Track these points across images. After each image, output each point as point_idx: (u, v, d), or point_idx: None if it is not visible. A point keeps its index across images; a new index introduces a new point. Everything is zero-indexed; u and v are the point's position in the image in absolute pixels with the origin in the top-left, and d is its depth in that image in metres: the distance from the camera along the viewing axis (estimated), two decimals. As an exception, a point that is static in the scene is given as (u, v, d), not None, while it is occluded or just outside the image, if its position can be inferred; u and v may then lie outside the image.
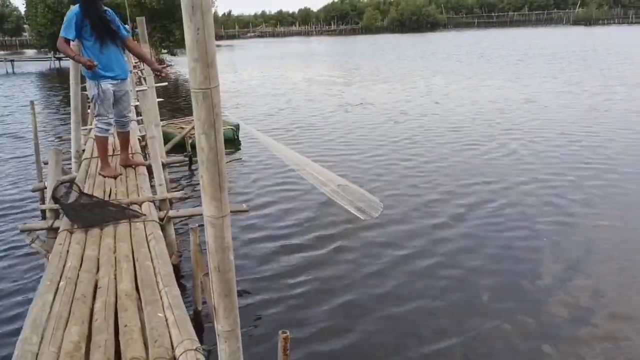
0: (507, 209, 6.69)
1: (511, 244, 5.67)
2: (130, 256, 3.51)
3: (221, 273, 2.10)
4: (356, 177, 8.02)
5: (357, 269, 5.26)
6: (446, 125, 12.14)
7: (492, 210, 6.69)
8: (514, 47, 39.20)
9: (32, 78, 31.73)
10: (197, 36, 1.83)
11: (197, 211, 4.86)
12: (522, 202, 6.88)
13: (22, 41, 77.78)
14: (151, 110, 5.05)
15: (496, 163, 8.85)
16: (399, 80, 22.21)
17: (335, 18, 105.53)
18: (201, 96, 1.90)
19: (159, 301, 2.87)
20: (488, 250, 5.57)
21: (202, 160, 1.98)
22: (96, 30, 5.01)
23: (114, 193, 4.97)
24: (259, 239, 6.03)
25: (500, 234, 5.95)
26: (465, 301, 4.62)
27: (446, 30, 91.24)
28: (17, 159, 10.31)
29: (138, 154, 6.58)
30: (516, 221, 6.32)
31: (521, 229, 6.05)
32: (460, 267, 5.22)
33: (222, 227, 2.05)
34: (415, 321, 4.35)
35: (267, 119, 14.04)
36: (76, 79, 5.85)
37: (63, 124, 14.27)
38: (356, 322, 4.33)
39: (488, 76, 21.98)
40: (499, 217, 6.47)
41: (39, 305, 2.80)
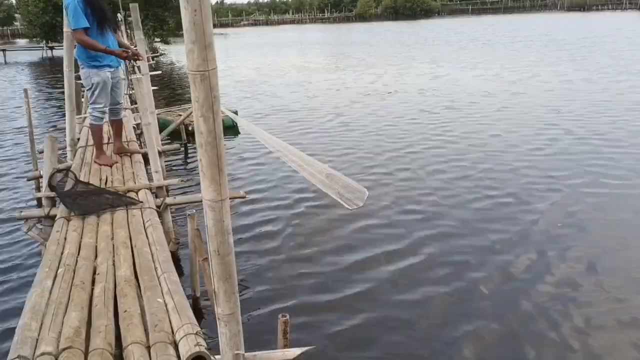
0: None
1: (511, 244, 5.61)
2: (128, 243, 3.50)
3: (221, 256, 2.10)
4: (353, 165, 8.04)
5: (356, 252, 5.28)
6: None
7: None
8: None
9: (24, 67, 31.48)
10: (194, 18, 1.82)
11: (194, 198, 4.86)
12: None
13: (13, 31, 77.08)
14: (146, 98, 5.03)
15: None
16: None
17: (329, 6, 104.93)
18: (199, 78, 1.88)
19: (158, 287, 2.87)
20: (480, 242, 5.57)
21: (201, 143, 1.97)
22: (97, 17, 4.96)
23: (110, 181, 4.96)
24: (257, 224, 6.04)
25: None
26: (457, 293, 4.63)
27: (440, 17, 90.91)
28: (12, 148, 10.26)
29: (133, 142, 6.56)
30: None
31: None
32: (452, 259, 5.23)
33: (222, 210, 2.04)
34: (411, 304, 4.37)
35: (250, 106, 14.03)
36: (70, 67, 5.80)
37: (57, 113, 14.19)
38: (355, 304, 4.36)
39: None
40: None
41: (37, 291, 2.79)
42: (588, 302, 4.28)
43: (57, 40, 38.08)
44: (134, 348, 2.30)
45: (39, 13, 34.43)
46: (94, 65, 5.17)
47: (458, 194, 6.83)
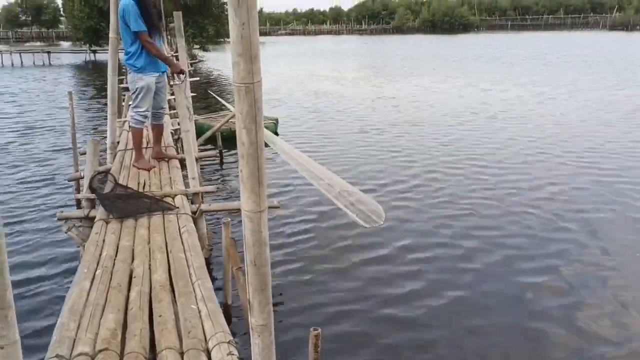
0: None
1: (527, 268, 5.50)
2: (164, 247, 3.56)
3: (257, 267, 2.11)
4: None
5: (391, 270, 5.25)
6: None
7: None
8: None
9: (67, 70, 32.39)
10: (242, 31, 1.84)
11: (229, 206, 4.91)
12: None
13: (58, 33, 79.49)
14: (185, 104, 5.11)
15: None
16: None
17: (366, 17, 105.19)
18: (244, 90, 1.90)
19: (192, 293, 2.90)
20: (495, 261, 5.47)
21: (242, 155, 1.98)
22: (149, 22, 5.09)
23: (147, 185, 5.04)
24: (288, 234, 6.06)
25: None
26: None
27: (478, 32, 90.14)
28: (53, 148, 10.54)
29: (171, 147, 6.67)
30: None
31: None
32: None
33: (260, 221, 2.05)
34: (444, 320, 4.32)
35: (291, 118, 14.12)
36: (113, 72, 5.94)
37: (98, 115, 14.55)
38: (387, 319, 4.34)
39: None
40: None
41: (76, 292, 2.86)
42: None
43: (99, 44, 39.15)
44: (167, 353, 2.33)
45: (84, 18, 35.41)
46: (140, 69, 5.29)
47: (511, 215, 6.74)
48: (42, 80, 24.69)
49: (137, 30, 5.06)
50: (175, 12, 6.00)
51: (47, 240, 5.90)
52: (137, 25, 5.04)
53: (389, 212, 6.62)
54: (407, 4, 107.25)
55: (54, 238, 5.93)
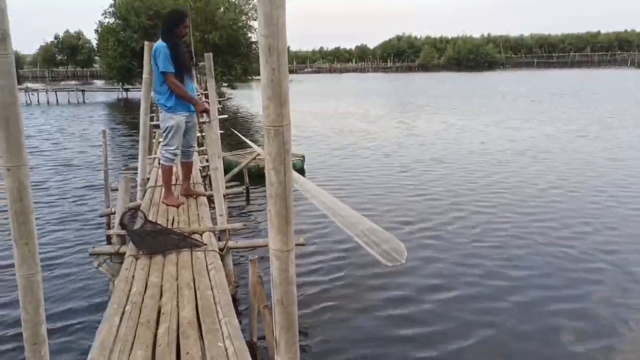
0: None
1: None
2: (192, 284, 3.60)
3: (284, 306, 2.14)
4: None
5: (418, 309, 5.20)
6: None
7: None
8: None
9: (101, 107, 33.35)
10: (273, 76, 1.92)
11: (255, 243, 4.96)
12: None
13: (92, 72, 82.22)
14: (215, 143, 5.23)
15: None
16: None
17: (392, 55, 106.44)
18: (273, 133, 1.97)
19: (219, 331, 2.93)
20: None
21: (271, 194, 2.04)
22: (179, 64, 5.29)
23: (176, 221, 5.14)
24: (313, 272, 6.05)
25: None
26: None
27: (504, 69, 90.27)
28: (84, 183, 10.80)
29: (199, 184, 6.79)
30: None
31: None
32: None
33: (287, 260, 2.09)
34: None
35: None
36: (146, 111, 6.14)
37: (128, 152, 14.90)
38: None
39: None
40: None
41: (106, 328, 2.91)
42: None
43: (131, 83, 40.39)
44: (194, 391, 2.35)
45: (117, 57, 36.69)
46: (170, 108, 5.46)
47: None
48: (76, 119, 25.43)
49: (164, 70, 5.26)
50: (206, 53, 6.20)
51: (78, 275, 6.00)
52: (164, 66, 5.23)
53: (415, 251, 6.59)
54: (432, 42, 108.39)
55: (85, 273, 6.03)
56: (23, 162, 2.09)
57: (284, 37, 1.90)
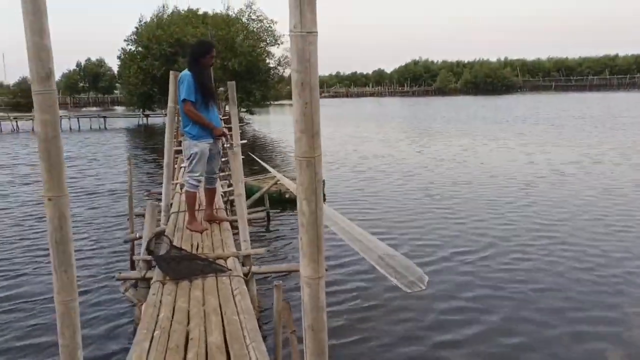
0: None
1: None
2: (218, 310, 3.65)
3: (315, 332, 2.17)
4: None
5: (446, 337, 5.18)
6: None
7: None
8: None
9: (121, 134, 33.92)
10: (305, 109, 2.00)
11: (279, 268, 5.02)
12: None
13: (113, 98, 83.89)
14: (239, 169, 5.33)
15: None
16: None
17: (409, 80, 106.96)
18: (305, 164, 2.04)
19: (247, 356, 2.97)
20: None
21: (303, 223, 2.10)
22: (204, 93, 5.44)
23: (200, 247, 5.21)
24: (340, 299, 6.05)
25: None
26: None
27: (522, 93, 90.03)
28: (105, 209, 10.97)
29: (221, 209, 6.88)
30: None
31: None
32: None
33: (318, 287, 2.14)
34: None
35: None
36: (170, 139, 6.29)
37: (150, 178, 15.10)
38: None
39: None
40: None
41: (137, 353, 2.97)
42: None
43: (152, 109, 41.10)
44: (225, 416, 2.38)
45: (138, 84, 37.36)
46: (195, 136, 5.59)
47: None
48: (98, 145, 25.86)
49: (183, 97, 5.40)
50: (229, 82, 6.34)
51: (102, 300, 6.07)
52: (184, 94, 5.39)
53: (438, 275, 6.58)
54: (448, 66, 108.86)
55: (108, 298, 6.11)
56: (63, 193, 2.17)
57: (315, 73, 1.98)
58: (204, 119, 5.49)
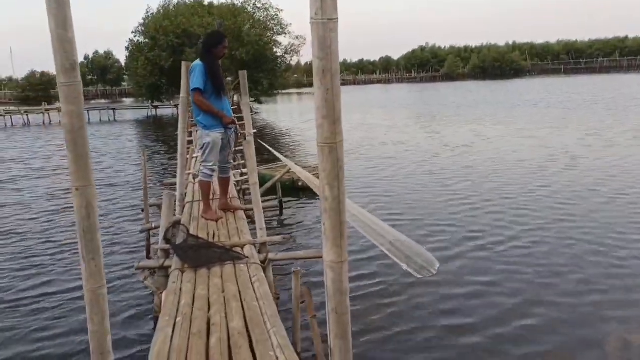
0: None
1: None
2: (238, 296, 3.70)
3: (338, 315, 2.22)
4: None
5: (463, 317, 5.22)
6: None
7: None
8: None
9: (131, 125, 34.06)
10: (326, 96, 2.02)
11: (296, 255, 5.06)
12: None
13: (121, 90, 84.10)
14: (253, 158, 5.36)
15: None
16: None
17: (416, 66, 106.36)
18: (327, 150, 2.07)
19: (269, 341, 3.01)
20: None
21: (326, 209, 2.13)
22: (215, 83, 5.47)
23: (217, 235, 5.27)
24: (360, 284, 6.11)
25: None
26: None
27: (531, 77, 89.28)
28: (119, 199, 11.08)
29: (235, 198, 6.93)
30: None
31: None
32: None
33: (341, 271, 2.18)
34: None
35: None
36: (183, 129, 6.33)
37: (162, 168, 15.20)
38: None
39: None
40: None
41: (161, 338, 3.02)
42: None
43: (161, 100, 41.20)
44: (251, 399, 2.43)
45: (147, 75, 37.45)
46: (207, 126, 5.62)
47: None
48: (110, 137, 25.99)
49: (193, 87, 5.43)
50: (241, 71, 6.35)
51: (122, 289, 6.18)
52: (194, 82, 5.42)
53: (452, 260, 6.61)
54: (456, 51, 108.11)
55: (127, 287, 6.21)
56: (90, 183, 2.21)
57: (336, 59, 2.00)
58: (213, 107, 5.51)
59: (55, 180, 13.52)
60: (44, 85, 66.45)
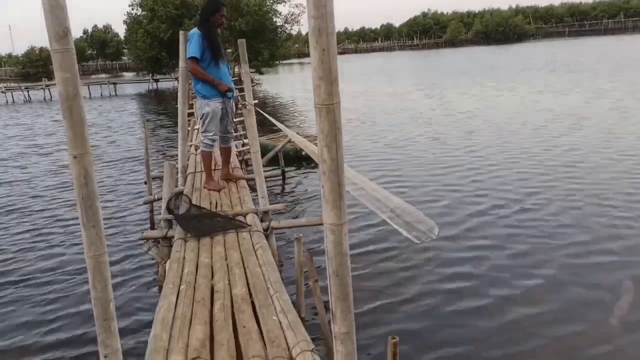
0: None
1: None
2: (241, 263, 3.73)
3: (339, 277, 2.22)
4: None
5: (467, 280, 5.26)
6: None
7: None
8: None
9: (132, 99, 33.90)
10: (323, 56, 1.99)
11: (298, 222, 5.09)
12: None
13: (121, 65, 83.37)
14: (254, 127, 5.33)
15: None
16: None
17: (418, 32, 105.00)
18: (324, 111, 2.04)
19: (272, 305, 3.04)
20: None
21: (324, 171, 2.11)
22: (213, 51, 5.40)
23: (219, 205, 5.28)
24: (360, 248, 6.14)
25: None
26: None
27: (535, 40, 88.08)
28: (122, 172, 11.10)
29: (237, 168, 6.93)
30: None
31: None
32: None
33: (341, 233, 2.17)
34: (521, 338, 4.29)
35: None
36: (184, 100, 6.29)
37: (165, 141, 15.17)
38: (462, 330, 4.37)
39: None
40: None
41: (165, 305, 3.05)
42: None
43: (161, 73, 40.87)
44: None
45: (146, 48, 37.05)
46: (205, 96, 5.58)
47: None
48: (111, 111, 25.89)
49: (189, 56, 5.37)
50: (239, 39, 6.27)
51: (126, 258, 6.23)
52: (190, 51, 5.36)
53: (457, 225, 6.63)
54: (458, 17, 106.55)
55: (131, 256, 6.26)
56: (87, 151, 2.19)
57: (332, 19, 1.96)
58: (208, 76, 5.45)
59: (59, 157, 13.51)
60: (44, 61, 65.92)
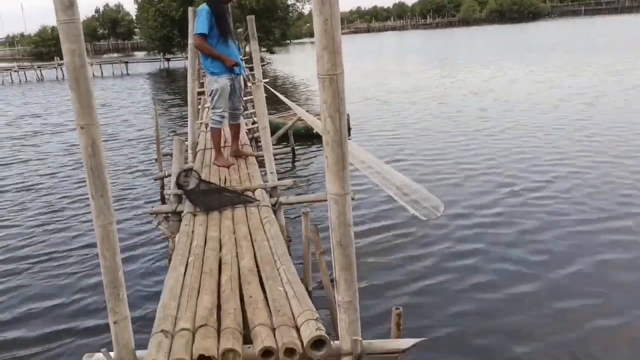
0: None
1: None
2: (249, 237, 3.78)
3: (343, 247, 2.26)
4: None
5: (471, 254, 5.30)
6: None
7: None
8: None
9: (144, 79, 33.95)
10: (326, 26, 1.99)
11: (306, 198, 5.12)
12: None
13: (132, 44, 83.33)
14: (263, 103, 5.34)
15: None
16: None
17: (431, 11, 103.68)
18: (328, 81, 2.06)
19: (278, 277, 3.09)
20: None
21: (327, 142, 2.13)
22: (222, 28, 5.38)
23: (228, 181, 5.32)
24: (365, 220, 6.17)
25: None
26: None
27: (550, 19, 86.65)
28: (134, 150, 11.20)
29: (247, 145, 6.96)
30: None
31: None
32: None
33: (345, 204, 2.20)
34: (521, 305, 4.33)
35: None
36: (193, 76, 6.29)
37: (175, 119, 15.23)
38: (464, 301, 4.42)
39: None
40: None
41: (174, 276, 3.11)
42: None
43: (173, 52, 40.82)
44: (260, 329, 2.51)
45: (158, 27, 37.04)
46: (214, 72, 5.58)
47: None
48: (123, 90, 25.98)
49: (196, 32, 5.36)
50: (249, 16, 6.24)
51: (137, 231, 6.34)
52: (198, 27, 5.33)
53: (460, 202, 6.64)
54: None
55: (142, 229, 6.36)
56: (94, 122, 2.22)
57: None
58: (214, 51, 5.43)
59: (73, 135, 13.64)
60: (56, 40, 66.12)
